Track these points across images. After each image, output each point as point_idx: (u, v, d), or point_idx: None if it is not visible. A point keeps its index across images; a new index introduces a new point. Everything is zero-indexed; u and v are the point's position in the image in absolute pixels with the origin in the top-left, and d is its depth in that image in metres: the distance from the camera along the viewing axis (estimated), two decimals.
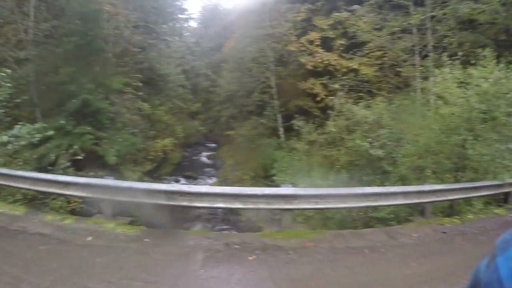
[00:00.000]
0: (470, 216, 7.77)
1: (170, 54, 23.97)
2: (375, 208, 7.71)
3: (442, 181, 8.41)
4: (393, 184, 9.35)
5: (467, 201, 8.44)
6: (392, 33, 17.22)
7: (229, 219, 14.13)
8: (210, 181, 21.35)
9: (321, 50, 20.50)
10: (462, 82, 9.49)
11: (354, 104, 14.67)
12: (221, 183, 19.28)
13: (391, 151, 10.71)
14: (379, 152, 10.70)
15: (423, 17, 16.17)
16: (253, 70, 23.63)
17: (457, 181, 8.45)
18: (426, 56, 16.20)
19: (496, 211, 8.44)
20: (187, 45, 28.29)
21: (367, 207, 7.28)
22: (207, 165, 26.26)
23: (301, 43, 21.15)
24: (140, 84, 21.72)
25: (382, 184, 9.61)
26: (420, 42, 16.58)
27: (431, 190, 7.29)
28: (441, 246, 5.95)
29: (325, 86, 19.92)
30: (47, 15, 17.18)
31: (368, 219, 8.50)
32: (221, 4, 52.04)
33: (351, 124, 13.96)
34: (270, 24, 21.49)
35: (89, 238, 5.58)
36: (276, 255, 5.13)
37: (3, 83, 9.61)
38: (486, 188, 8.38)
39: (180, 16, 31.90)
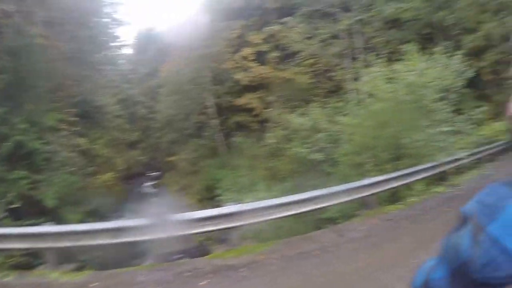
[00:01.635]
0: (413, 199, 8.07)
1: (105, 84, 22.96)
2: (322, 209, 7.67)
3: (383, 173, 8.57)
4: (337, 184, 9.40)
5: (409, 186, 8.73)
6: (323, 40, 17.88)
7: (181, 246, 13.58)
8: None
9: (256, 64, 20.77)
10: (390, 78, 10.01)
11: (291, 113, 14.89)
12: None
13: (330, 153, 10.90)
14: (318, 156, 10.90)
15: (350, 22, 17.01)
16: (190, 92, 23.38)
17: (396, 169, 8.68)
18: (356, 58, 16.94)
19: (437, 189, 8.89)
20: (122, 73, 27.36)
21: (313, 210, 7.12)
22: (152, 195, 25.18)
23: (236, 60, 21.32)
24: (76, 118, 20.54)
25: (326, 186, 9.66)
26: (350, 46, 17.45)
27: (371, 183, 7.50)
28: (388, 233, 6.03)
29: (261, 99, 20.16)
30: None
31: (318, 221, 8.45)
32: (155, 28, 50.14)
33: (289, 133, 14.11)
34: (205, 44, 21.46)
35: None
36: (229, 275, 4.93)
37: None
38: (424, 171, 8.86)
39: (113, 44, 30.79)
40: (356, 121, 10.81)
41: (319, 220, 8.36)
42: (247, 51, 21.34)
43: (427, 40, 17.36)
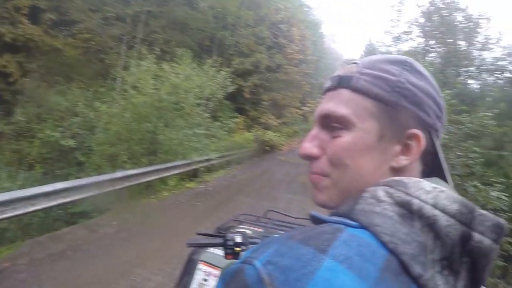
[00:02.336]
0: (165, 194, 8.78)
1: None
2: (73, 203, 7.31)
3: (138, 166, 8.78)
4: (89, 175, 8.86)
5: (163, 180, 9.32)
6: (105, 18, 16.78)
7: None
8: None
9: (27, 21, 17.51)
10: (157, 76, 10.42)
11: (49, 89, 13.44)
12: None
13: (84, 140, 10.51)
14: (71, 143, 10.35)
15: (139, 9, 16.54)
16: None
17: (151, 164, 9.08)
18: (132, 47, 16.62)
19: (188, 185, 10.02)
20: None
21: (61, 204, 6.35)
22: None
23: (5, 7, 17.38)
24: None
25: (78, 176, 8.87)
26: (130, 33, 16.87)
27: (124, 176, 7.55)
28: (140, 227, 6.16)
29: (22, 65, 17.25)
30: None
31: (70, 216, 7.97)
32: None
33: (43, 112, 12.69)
34: None
35: None
36: None
37: None
38: (177, 167, 9.72)
39: None
40: (114, 111, 10.66)
41: (71, 215, 7.90)
42: (22, 2, 17.65)
43: (204, 51, 19.19)
